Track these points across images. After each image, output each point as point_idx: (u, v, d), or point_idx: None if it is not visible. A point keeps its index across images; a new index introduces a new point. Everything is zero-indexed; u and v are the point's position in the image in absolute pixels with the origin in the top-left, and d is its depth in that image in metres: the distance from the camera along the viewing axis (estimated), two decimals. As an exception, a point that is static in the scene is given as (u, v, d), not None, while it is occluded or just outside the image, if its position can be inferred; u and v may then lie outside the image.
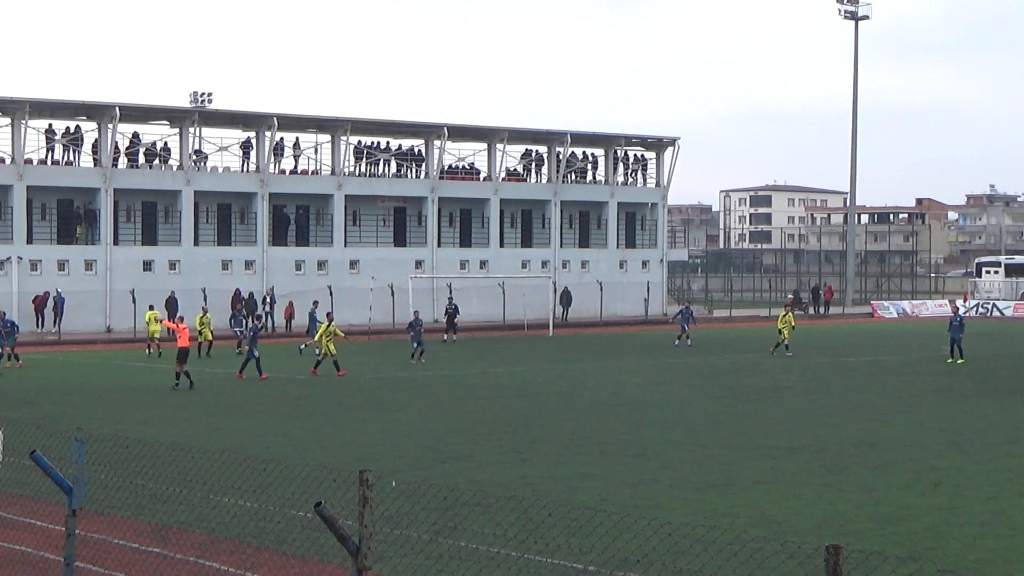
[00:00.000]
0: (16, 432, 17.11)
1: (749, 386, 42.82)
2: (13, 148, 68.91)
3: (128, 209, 72.54)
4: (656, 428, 31.94)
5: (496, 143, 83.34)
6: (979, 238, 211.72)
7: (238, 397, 38.91)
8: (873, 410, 35.96)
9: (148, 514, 20.29)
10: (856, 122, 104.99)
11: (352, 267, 76.99)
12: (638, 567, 15.83)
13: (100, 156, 70.81)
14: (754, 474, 24.99)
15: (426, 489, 20.29)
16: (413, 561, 17.02)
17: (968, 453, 28.05)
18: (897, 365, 51.42)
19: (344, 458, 26.20)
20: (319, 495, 12.45)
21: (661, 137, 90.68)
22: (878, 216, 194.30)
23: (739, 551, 16.29)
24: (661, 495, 22.75)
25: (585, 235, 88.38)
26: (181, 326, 42.64)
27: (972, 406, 37.33)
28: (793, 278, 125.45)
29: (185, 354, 41.40)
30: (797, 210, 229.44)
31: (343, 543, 9.77)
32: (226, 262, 73.55)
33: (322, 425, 32.51)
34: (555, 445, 28.89)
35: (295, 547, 18.19)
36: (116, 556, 17.25)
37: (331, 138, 78.47)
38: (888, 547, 17.85)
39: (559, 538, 17.27)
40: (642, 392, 41.01)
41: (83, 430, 12.70)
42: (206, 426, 32.28)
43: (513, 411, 35.48)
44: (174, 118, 74.49)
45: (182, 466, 21.19)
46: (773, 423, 33.05)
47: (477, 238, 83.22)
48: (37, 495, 20.15)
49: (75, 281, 68.51)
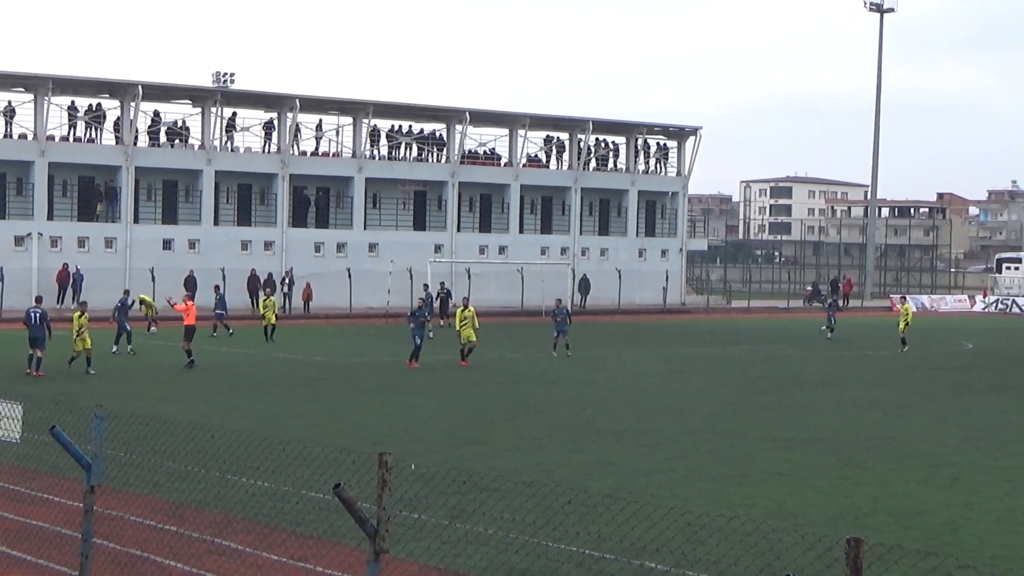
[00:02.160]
0: (35, 408, 17.14)
1: (766, 377, 42.73)
2: (35, 124, 69.03)
3: (149, 187, 72.65)
4: (673, 417, 31.91)
5: (517, 129, 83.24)
6: (1000, 234, 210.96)
7: (255, 377, 38.94)
8: (890, 404, 35.86)
9: (165, 492, 20.32)
10: (879, 115, 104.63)
11: (371, 250, 76.99)
12: (655, 556, 15.79)
13: (122, 134, 70.89)
14: (770, 465, 24.94)
15: (444, 474, 20.29)
16: (430, 545, 17.01)
17: (985, 449, 27.96)
18: (915, 360, 51.27)
19: (360, 440, 26.20)
20: (335, 477, 12.44)
21: (683, 126, 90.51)
22: (899, 210, 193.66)
23: (757, 542, 16.24)
24: (677, 484, 22.72)
25: (605, 223, 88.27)
26: (190, 303, 42.72)
27: (990, 402, 37.21)
28: (812, 270, 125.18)
29: (191, 332, 41.41)
30: (817, 202, 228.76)
31: (361, 525, 9.76)
32: (245, 242, 73.61)
33: (338, 407, 32.53)
34: (572, 432, 28.87)
35: (311, 528, 18.20)
36: (132, 533, 17.28)
37: (353, 121, 78.44)
38: (904, 541, 17.78)
39: (576, 525, 17.25)
40: (659, 381, 40.96)
41: (102, 407, 12.68)
42: (223, 405, 32.32)
43: (530, 397, 35.47)
44: (196, 98, 74.52)
45: (199, 445, 21.19)
46: (790, 415, 32.98)
47: (496, 223, 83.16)
48: (55, 471, 20.19)
49: (95, 258, 68.62)
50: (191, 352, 41.04)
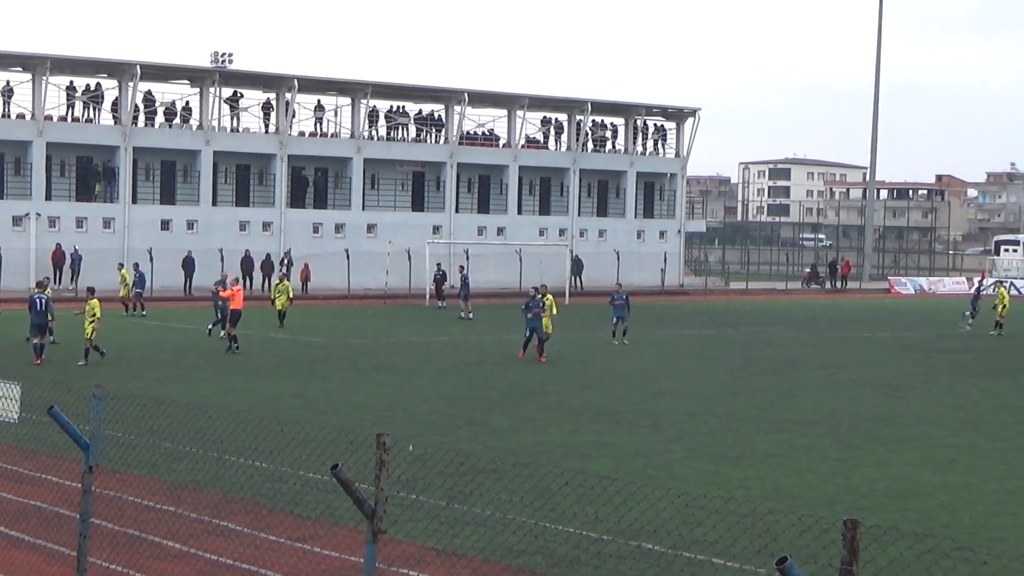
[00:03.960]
0: (33, 388, 17.13)
1: (764, 359, 42.78)
2: (33, 104, 68.89)
3: (147, 168, 72.54)
4: (671, 399, 31.96)
5: (516, 110, 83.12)
6: (998, 216, 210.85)
7: (254, 359, 38.95)
8: (888, 386, 35.91)
9: (163, 472, 20.37)
10: (878, 97, 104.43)
11: (369, 231, 76.94)
12: (652, 537, 15.84)
13: (120, 114, 70.79)
14: (768, 447, 24.99)
15: (442, 455, 20.32)
16: (428, 526, 17.05)
17: (983, 431, 28.02)
18: (913, 341, 51.32)
19: (358, 421, 26.25)
20: (334, 457, 12.46)
21: (681, 107, 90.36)
22: (897, 192, 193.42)
23: (754, 524, 16.29)
24: (675, 465, 22.77)
25: (603, 204, 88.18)
26: (236, 288, 42.36)
27: (988, 384, 37.27)
28: (810, 252, 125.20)
29: (237, 317, 40.79)
30: (816, 184, 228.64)
31: (359, 506, 9.77)
32: (244, 223, 73.51)
33: (337, 388, 32.56)
34: (570, 413, 28.92)
35: (309, 509, 18.24)
36: (131, 513, 17.32)
37: (351, 101, 78.33)
38: (901, 523, 17.83)
39: (573, 506, 17.30)
40: (657, 363, 41.00)
41: (101, 387, 12.68)
42: (222, 386, 32.34)
43: (528, 378, 35.50)
44: (195, 78, 74.36)
45: (197, 425, 21.24)
46: (788, 396, 33.03)
47: (495, 204, 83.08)
48: (53, 451, 20.21)
49: (93, 239, 68.53)
50: (236, 338, 40.43)
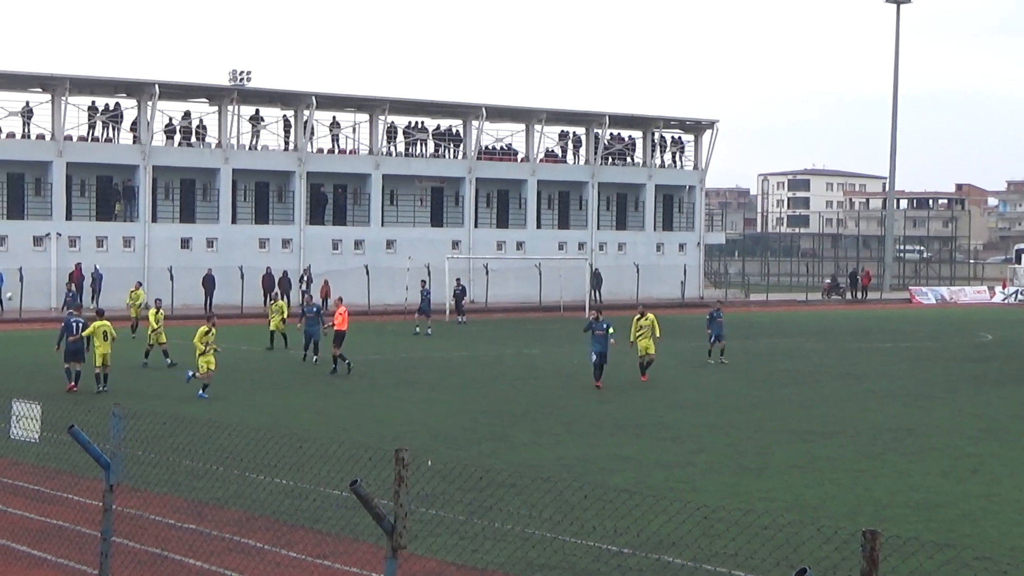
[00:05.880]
0: (54, 407, 17.17)
1: (785, 370, 42.68)
2: (53, 124, 69.21)
3: (167, 186, 72.80)
4: (691, 411, 31.89)
5: (534, 124, 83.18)
6: (1019, 224, 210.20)
7: (273, 375, 39.01)
8: (909, 396, 35.77)
9: (184, 491, 20.39)
10: (896, 106, 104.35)
11: (389, 247, 77.05)
12: (672, 550, 15.81)
13: (139, 133, 71.06)
14: (789, 458, 24.92)
15: (462, 470, 20.31)
16: (448, 541, 17.04)
17: (1005, 440, 27.89)
18: (934, 351, 51.14)
19: (379, 436, 26.26)
20: (354, 473, 12.46)
21: (700, 120, 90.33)
22: (917, 201, 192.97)
23: (774, 535, 16.24)
24: (696, 478, 22.71)
25: (622, 217, 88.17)
26: (342, 308, 40.92)
27: (1009, 393, 37.10)
28: (831, 263, 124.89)
29: (341, 337, 39.71)
30: (835, 194, 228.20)
31: (379, 522, 9.79)
32: (263, 240, 73.72)
33: (357, 403, 32.59)
34: (590, 426, 28.89)
35: (329, 525, 18.24)
36: (152, 532, 17.35)
37: (369, 117, 78.50)
38: (923, 533, 17.76)
39: (594, 520, 17.28)
40: (677, 375, 40.92)
41: (120, 406, 12.73)
42: (241, 403, 32.39)
43: (548, 392, 35.47)
44: (213, 96, 74.66)
45: (218, 443, 21.25)
46: (809, 407, 32.93)
47: (514, 219, 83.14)
48: (75, 470, 20.27)
49: (113, 257, 68.77)
50: (343, 357, 39.19)
